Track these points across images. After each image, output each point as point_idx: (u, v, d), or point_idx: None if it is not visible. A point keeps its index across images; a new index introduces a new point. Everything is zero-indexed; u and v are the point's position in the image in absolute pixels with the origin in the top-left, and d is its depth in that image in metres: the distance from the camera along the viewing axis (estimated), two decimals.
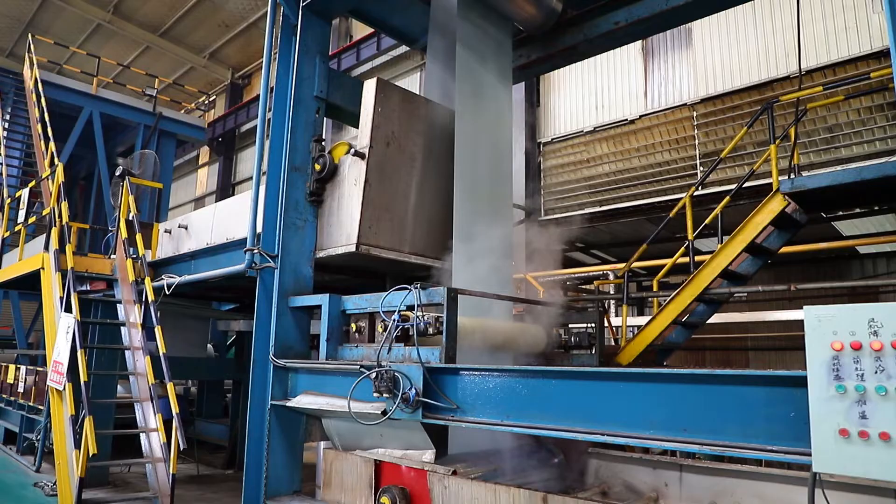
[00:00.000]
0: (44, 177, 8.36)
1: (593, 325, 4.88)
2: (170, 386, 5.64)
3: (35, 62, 11.47)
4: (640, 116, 10.43)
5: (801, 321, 2.17)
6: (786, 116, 8.18)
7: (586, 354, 4.86)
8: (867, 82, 7.18)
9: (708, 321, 6.58)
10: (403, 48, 13.68)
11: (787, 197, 5.41)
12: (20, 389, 8.48)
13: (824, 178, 5.31)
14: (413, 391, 3.33)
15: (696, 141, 9.75)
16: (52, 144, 8.52)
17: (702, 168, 9.54)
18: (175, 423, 5.25)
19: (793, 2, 6.54)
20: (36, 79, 10.96)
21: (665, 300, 5.98)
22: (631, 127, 10.52)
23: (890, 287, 9.74)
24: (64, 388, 5.82)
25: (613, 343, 7.57)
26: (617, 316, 9.77)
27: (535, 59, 5.89)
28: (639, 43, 10.48)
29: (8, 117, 12.04)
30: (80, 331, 5.81)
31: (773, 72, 9.04)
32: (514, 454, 4.32)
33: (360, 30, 15.97)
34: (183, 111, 14.99)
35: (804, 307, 2.18)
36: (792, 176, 5.66)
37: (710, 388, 2.46)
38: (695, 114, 9.79)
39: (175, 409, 5.35)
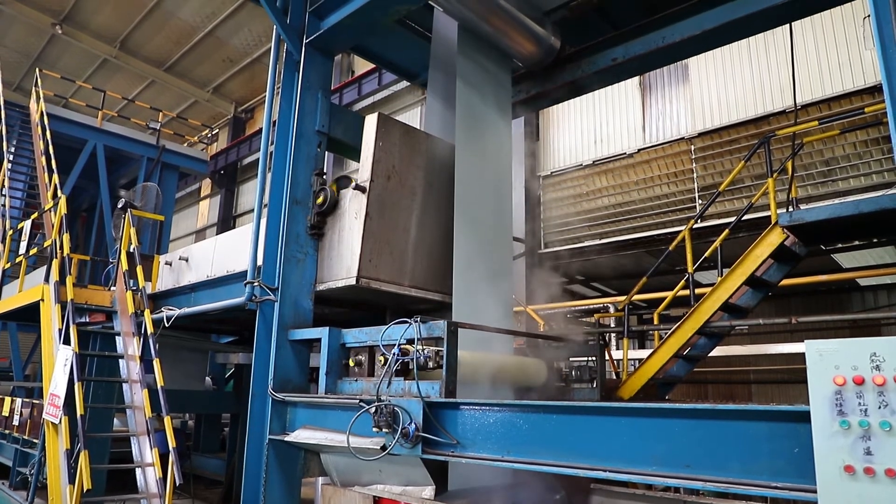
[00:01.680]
0: (46, 209, 8.41)
1: (594, 358, 4.85)
2: (167, 419, 5.58)
3: (41, 96, 11.63)
4: (639, 150, 10.54)
5: (803, 354, 2.16)
6: (783, 150, 8.27)
7: (587, 388, 4.82)
8: (862, 117, 7.28)
9: (710, 354, 6.54)
10: (404, 83, 13.89)
11: (785, 230, 5.44)
12: (15, 422, 8.36)
13: (822, 211, 5.34)
14: (413, 426, 3.30)
15: (695, 174, 9.83)
16: (55, 176, 8.59)
17: (700, 201, 9.61)
18: (171, 458, 5.17)
19: (787, 38, 6.67)
20: (42, 112, 11.11)
21: (666, 333, 5.95)
22: (630, 160, 10.62)
23: (892, 320, 9.70)
24: (60, 422, 5.75)
25: (615, 377, 7.51)
26: (618, 349, 9.72)
27: (535, 94, 5.99)
28: (636, 78, 10.65)
29: (13, 149, 12.15)
30: (77, 363, 5.77)
31: (769, 106, 9.17)
32: (514, 490, 4.25)
33: (362, 65, 16.24)
34: (186, 144, 15.14)
35: (805, 342, 2.17)
36: (790, 209, 5.69)
37: (712, 424, 2.43)
38: (693, 147, 9.89)
39: (172, 443, 5.28)
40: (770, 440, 2.28)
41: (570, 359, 4.96)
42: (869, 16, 2.23)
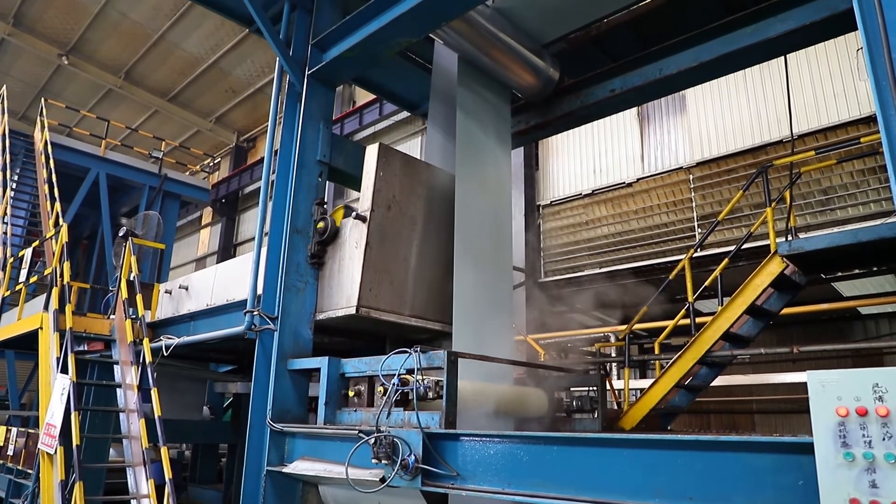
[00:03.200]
0: (48, 236, 8.43)
1: (595, 388, 4.82)
2: (164, 450, 5.51)
3: (46, 125, 11.76)
4: (638, 179, 10.62)
5: (806, 384, 2.15)
6: (780, 179, 8.32)
7: (588, 419, 4.78)
8: (858, 146, 7.35)
9: (711, 384, 6.49)
10: (405, 113, 14.05)
11: (785, 259, 5.44)
12: (9, 452, 8.25)
13: (821, 241, 5.35)
14: (412, 457, 3.26)
15: (693, 203, 9.88)
16: (57, 204, 8.63)
17: (700, 230, 9.64)
18: (168, 489, 5.10)
19: (783, 70, 6.77)
20: (46, 141, 11.21)
21: (667, 363, 5.92)
22: (629, 190, 10.69)
23: (894, 349, 9.66)
24: (55, 452, 5.68)
25: (616, 407, 7.44)
26: (619, 379, 9.65)
27: (534, 124, 6.06)
28: (635, 109, 10.77)
29: (16, 177, 12.23)
30: (75, 392, 5.73)
31: (766, 136, 9.26)
32: None
33: (363, 96, 16.45)
34: (188, 173, 15.24)
35: (807, 372, 2.15)
36: (789, 238, 5.71)
37: (715, 455, 2.40)
38: (691, 177, 9.96)
39: (168, 474, 5.21)
40: (774, 472, 2.25)
41: (571, 389, 4.93)
42: (862, 48, 2.26)
